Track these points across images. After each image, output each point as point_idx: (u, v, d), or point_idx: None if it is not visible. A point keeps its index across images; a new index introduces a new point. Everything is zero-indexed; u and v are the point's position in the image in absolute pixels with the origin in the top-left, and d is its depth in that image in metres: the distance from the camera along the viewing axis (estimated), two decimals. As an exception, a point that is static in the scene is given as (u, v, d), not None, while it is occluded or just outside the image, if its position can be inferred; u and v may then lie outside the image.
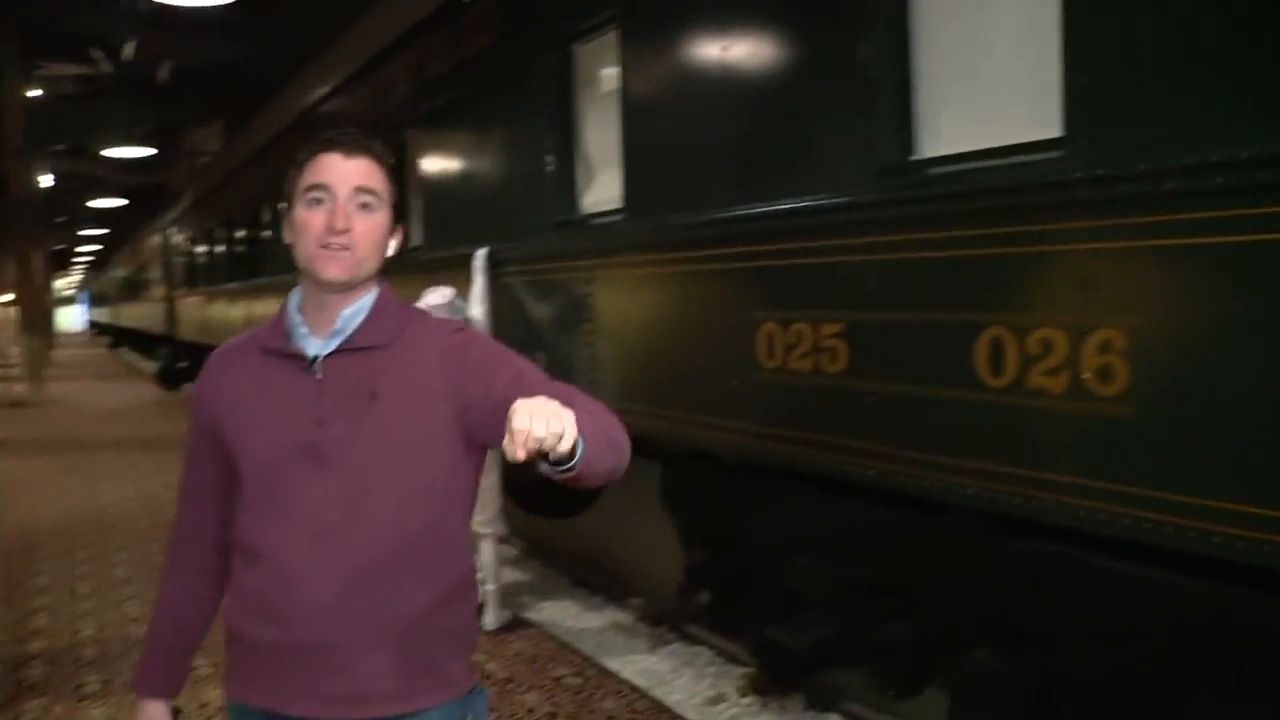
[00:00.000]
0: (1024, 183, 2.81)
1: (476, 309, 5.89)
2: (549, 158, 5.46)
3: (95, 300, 73.30)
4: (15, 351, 23.74)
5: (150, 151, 19.67)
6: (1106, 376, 2.60)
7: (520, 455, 1.54)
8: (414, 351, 1.94)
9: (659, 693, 4.89)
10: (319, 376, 1.90)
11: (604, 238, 4.97)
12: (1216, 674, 2.87)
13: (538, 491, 6.46)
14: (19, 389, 19.88)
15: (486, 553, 5.77)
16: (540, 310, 5.64)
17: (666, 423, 4.55)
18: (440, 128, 7.06)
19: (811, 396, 3.62)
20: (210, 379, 2.02)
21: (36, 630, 5.77)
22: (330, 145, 1.90)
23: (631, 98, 4.71)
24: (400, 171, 7.99)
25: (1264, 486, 2.30)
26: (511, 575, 7.11)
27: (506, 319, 5.90)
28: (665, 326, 4.56)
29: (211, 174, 18.02)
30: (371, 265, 1.92)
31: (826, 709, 4.74)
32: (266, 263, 12.58)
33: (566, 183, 5.42)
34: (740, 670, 5.17)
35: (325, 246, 1.85)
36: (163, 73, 20.08)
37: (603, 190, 5.18)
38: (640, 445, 6.20)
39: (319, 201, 1.87)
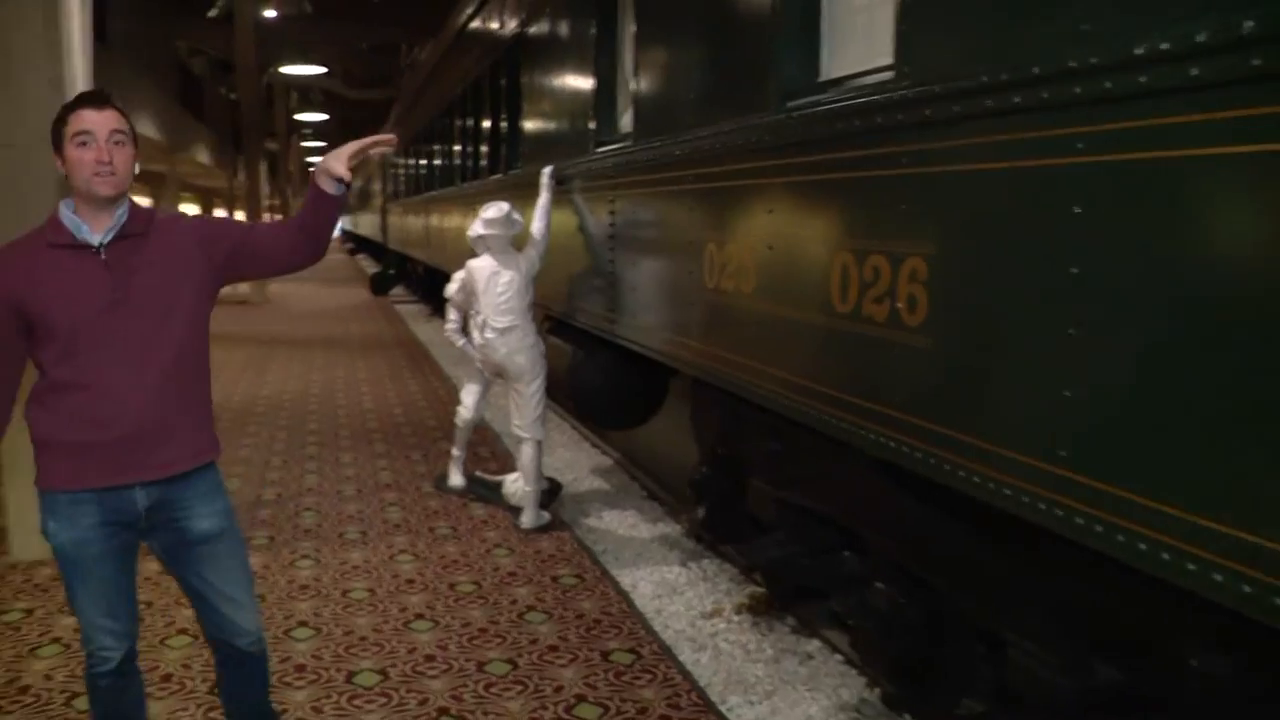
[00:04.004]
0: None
1: (538, 223, 6.06)
2: (592, 82, 5.58)
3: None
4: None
5: (321, 70, 21.19)
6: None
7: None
8: (165, 235, 2.72)
9: (657, 603, 5.06)
10: (103, 257, 2.61)
11: (619, 160, 5.08)
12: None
13: (597, 402, 6.70)
14: (244, 289, 21.72)
15: (526, 455, 6.01)
16: (588, 223, 5.80)
17: (670, 345, 4.65)
18: (532, 56, 7.28)
19: (726, 315, 3.67)
20: (3, 270, 2.60)
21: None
22: (82, 102, 2.58)
23: (641, 34, 4.78)
24: (507, 95, 8.32)
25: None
26: (594, 482, 7.41)
27: (564, 231, 6.09)
28: (660, 246, 4.65)
29: (408, 91, 18.97)
30: (128, 183, 2.63)
31: (812, 635, 4.79)
32: (433, 177, 13.21)
33: (607, 106, 5.53)
34: (751, 590, 5.27)
35: (97, 174, 2.55)
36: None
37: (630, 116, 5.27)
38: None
39: (85, 144, 2.54)
